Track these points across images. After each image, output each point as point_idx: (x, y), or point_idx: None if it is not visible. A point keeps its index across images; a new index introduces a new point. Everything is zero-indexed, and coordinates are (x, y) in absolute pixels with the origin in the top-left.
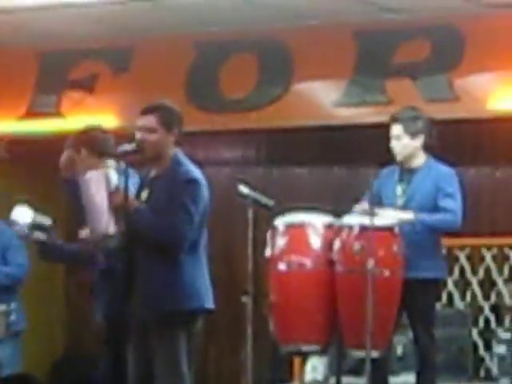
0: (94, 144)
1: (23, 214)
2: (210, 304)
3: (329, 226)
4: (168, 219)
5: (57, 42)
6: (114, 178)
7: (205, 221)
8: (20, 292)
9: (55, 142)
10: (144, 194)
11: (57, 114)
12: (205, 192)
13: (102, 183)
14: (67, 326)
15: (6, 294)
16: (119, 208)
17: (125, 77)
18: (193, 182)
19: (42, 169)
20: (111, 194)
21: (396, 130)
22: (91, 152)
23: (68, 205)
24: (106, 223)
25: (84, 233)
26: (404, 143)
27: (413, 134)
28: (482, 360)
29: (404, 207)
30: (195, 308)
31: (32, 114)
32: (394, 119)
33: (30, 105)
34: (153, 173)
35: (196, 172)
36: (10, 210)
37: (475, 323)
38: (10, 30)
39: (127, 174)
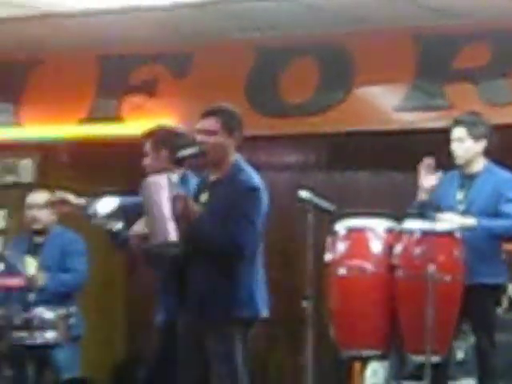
0: (176, 148)
1: (106, 205)
2: (265, 312)
3: (390, 231)
4: (230, 228)
5: (118, 46)
6: (177, 183)
7: (263, 227)
8: (81, 296)
9: (115, 146)
10: (203, 197)
11: (117, 118)
12: (265, 199)
13: (165, 188)
14: (128, 330)
15: (65, 298)
16: (181, 215)
17: (185, 81)
18: (254, 189)
19: (103, 173)
20: (174, 201)
21: (459, 132)
22: (170, 156)
23: None
24: (169, 230)
25: (135, 228)
26: (467, 146)
27: (476, 138)
28: None
29: (465, 213)
30: (251, 316)
31: (92, 118)
32: (458, 122)
33: (90, 109)
34: (212, 176)
35: (256, 179)
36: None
37: None
38: (72, 34)
39: (188, 180)
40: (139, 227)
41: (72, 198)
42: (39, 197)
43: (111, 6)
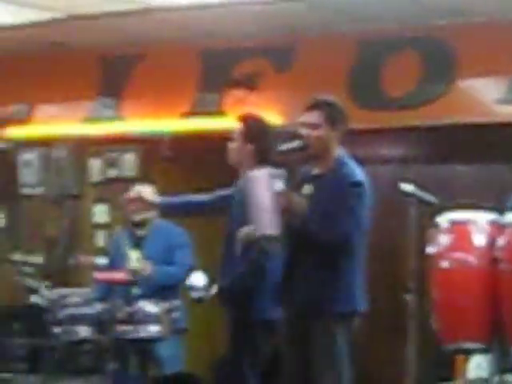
0: (263, 143)
1: (199, 279)
2: (363, 306)
3: (493, 224)
4: (334, 224)
5: (220, 40)
6: (281, 178)
7: (367, 223)
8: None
9: (218, 140)
10: (305, 190)
11: (219, 112)
12: (368, 193)
13: (267, 183)
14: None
15: (169, 292)
16: (284, 211)
17: (287, 75)
18: (358, 184)
19: (204, 167)
20: (277, 196)
21: None
22: (257, 150)
23: None
24: (269, 224)
25: (243, 232)
26: None
27: None
28: None
29: None
30: (352, 310)
31: (195, 112)
32: None
33: (193, 103)
34: (316, 170)
35: (360, 173)
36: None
37: None
38: (174, 28)
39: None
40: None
41: (148, 195)
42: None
43: (213, 0)
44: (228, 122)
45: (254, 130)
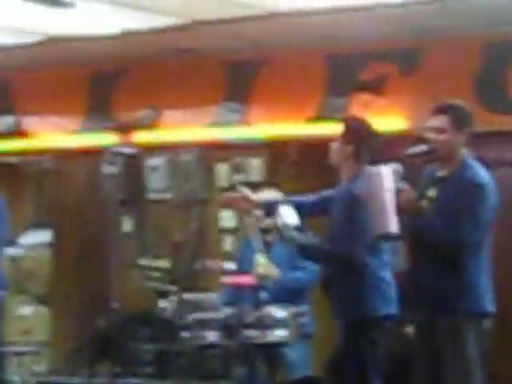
0: (363, 144)
1: (290, 215)
2: (491, 307)
3: None
4: (453, 225)
5: (346, 43)
6: (401, 176)
7: (491, 224)
8: (313, 295)
9: None
10: (430, 192)
11: None
12: (492, 196)
13: (388, 179)
14: None
15: (297, 297)
16: (403, 209)
17: (413, 78)
18: (481, 186)
19: (330, 171)
20: (397, 193)
21: None
22: (356, 151)
23: None
24: (389, 222)
25: None
26: None
27: None
28: None
29: None
30: (481, 310)
31: (322, 116)
32: None
33: (318, 107)
34: (441, 172)
35: (484, 175)
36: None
37: None
38: (300, 33)
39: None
40: None
41: (252, 195)
42: (268, 195)
43: (339, 5)
44: None
45: (353, 131)
